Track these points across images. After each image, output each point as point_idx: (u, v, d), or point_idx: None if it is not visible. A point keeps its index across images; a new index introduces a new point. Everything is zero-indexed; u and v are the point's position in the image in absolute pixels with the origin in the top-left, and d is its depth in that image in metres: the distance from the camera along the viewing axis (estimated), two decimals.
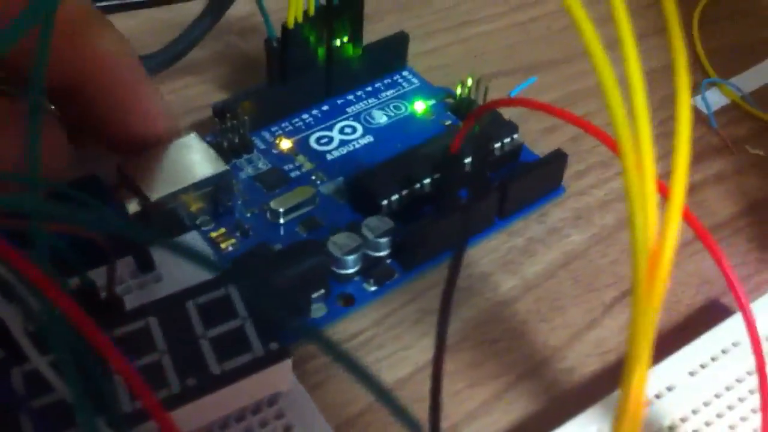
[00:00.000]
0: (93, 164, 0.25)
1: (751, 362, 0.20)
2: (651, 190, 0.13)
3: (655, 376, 0.21)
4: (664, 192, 0.14)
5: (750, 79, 0.33)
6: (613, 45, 0.13)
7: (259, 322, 0.20)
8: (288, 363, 0.20)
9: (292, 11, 0.27)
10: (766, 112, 0.31)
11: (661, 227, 0.13)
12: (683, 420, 0.21)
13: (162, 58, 0.30)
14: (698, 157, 0.30)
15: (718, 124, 0.31)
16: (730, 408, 0.21)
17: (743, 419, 0.21)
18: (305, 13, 0.28)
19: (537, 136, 0.30)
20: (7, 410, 0.18)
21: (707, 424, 0.20)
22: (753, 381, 0.21)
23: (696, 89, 0.32)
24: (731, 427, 0.20)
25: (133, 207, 0.24)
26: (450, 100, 0.30)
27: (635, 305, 0.13)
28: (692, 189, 0.29)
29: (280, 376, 0.20)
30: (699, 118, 0.31)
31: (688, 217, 0.19)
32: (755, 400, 0.21)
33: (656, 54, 0.25)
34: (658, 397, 0.21)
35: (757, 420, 0.20)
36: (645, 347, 0.13)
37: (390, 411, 0.12)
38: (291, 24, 0.27)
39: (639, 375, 0.13)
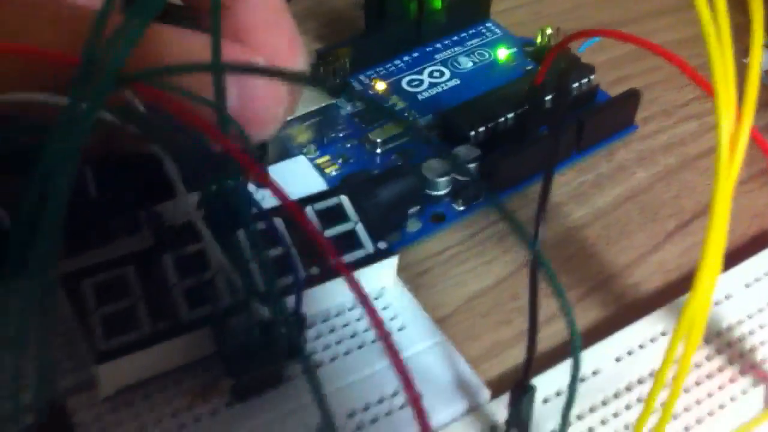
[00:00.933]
0: None
1: None
2: (732, 103, 0.16)
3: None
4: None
5: None
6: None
7: (369, 226, 0.23)
8: (394, 260, 0.23)
9: None
10: None
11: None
12: (739, 323, 0.23)
13: None
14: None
15: None
16: None
17: None
18: None
19: (605, 87, 0.32)
20: (162, 292, 0.21)
21: (761, 326, 0.23)
22: None
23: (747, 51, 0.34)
24: None
25: None
26: (530, 48, 0.33)
27: (716, 190, 0.15)
28: None
29: (387, 272, 0.23)
30: None
31: (757, 138, 0.21)
32: None
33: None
34: (716, 304, 0.23)
35: None
36: (719, 242, 0.15)
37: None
38: None
39: (712, 266, 0.15)
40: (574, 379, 0.18)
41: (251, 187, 0.25)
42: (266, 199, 0.25)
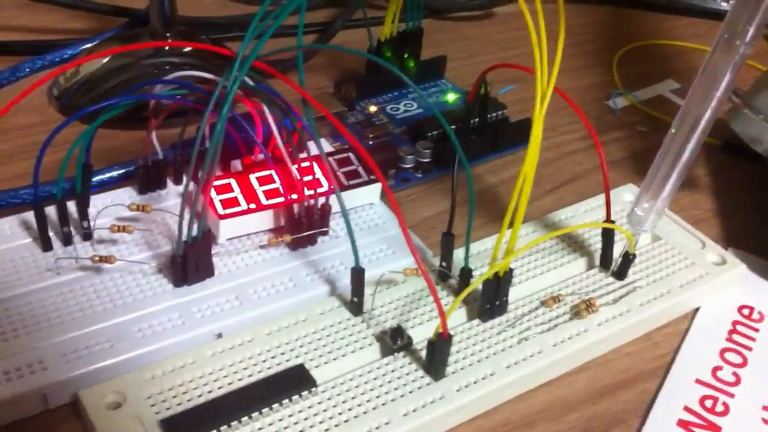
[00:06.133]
0: None
1: None
2: (545, 78, 0.32)
3: None
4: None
5: (643, 93, 0.52)
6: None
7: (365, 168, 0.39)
8: (378, 185, 0.39)
9: (385, 33, 0.47)
10: (650, 109, 0.51)
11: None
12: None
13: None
14: (607, 130, 0.49)
15: (620, 115, 0.50)
16: None
17: None
18: (390, 36, 0.48)
19: (513, 117, 0.49)
20: (251, 191, 0.37)
21: None
22: None
23: (609, 96, 0.51)
24: None
25: None
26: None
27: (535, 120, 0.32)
28: (601, 144, 0.47)
29: (375, 192, 0.39)
30: (609, 111, 0.50)
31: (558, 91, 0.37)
32: None
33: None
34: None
35: None
36: (537, 142, 0.31)
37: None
38: (383, 38, 0.47)
39: (533, 153, 0.31)
40: (470, 221, 0.34)
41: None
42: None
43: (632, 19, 0.63)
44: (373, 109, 0.48)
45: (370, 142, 0.45)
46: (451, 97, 0.50)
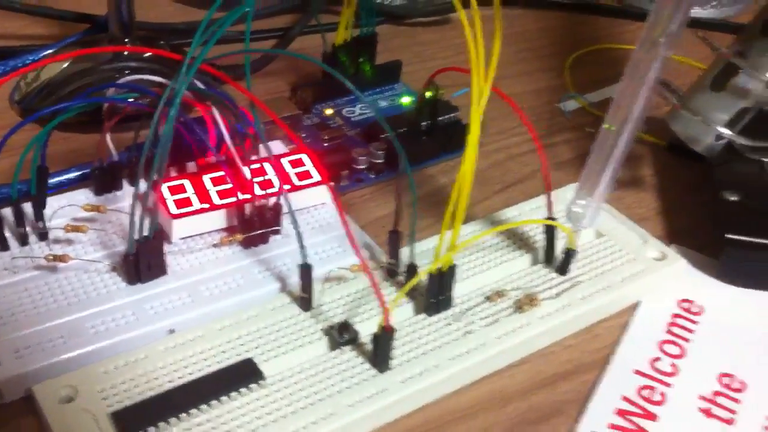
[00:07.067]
0: None
1: None
2: (481, 76, 0.33)
3: None
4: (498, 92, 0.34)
5: (594, 96, 0.54)
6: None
7: (318, 169, 0.40)
8: (325, 187, 0.40)
9: (339, 39, 0.48)
10: (599, 111, 0.52)
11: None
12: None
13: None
14: (557, 132, 0.50)
15: (570, 117, 0.52)
16: None
17: None
18: (344, 42, 0.49)
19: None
20: (203, 191, 0.38)
21: None
22: None
23: (560, 99, 0.53)
24: None
25: None
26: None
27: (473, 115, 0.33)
28: (551, 146, 0.49)
29: (325, 193, 0.40)
30: (560, 113, 0.52)
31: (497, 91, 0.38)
32: None
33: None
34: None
35: None
36: (475, 142, 0.33)
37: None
38: (337, 44, 0.48)
39: (471, 153, 0.33)
40: (413, 219, 0.35)
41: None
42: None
43: (586, 25, 0.65)
44: (329, 111, 0.49)
45: (325, 144, 0.46)
46: (405, 100, 0.51)
